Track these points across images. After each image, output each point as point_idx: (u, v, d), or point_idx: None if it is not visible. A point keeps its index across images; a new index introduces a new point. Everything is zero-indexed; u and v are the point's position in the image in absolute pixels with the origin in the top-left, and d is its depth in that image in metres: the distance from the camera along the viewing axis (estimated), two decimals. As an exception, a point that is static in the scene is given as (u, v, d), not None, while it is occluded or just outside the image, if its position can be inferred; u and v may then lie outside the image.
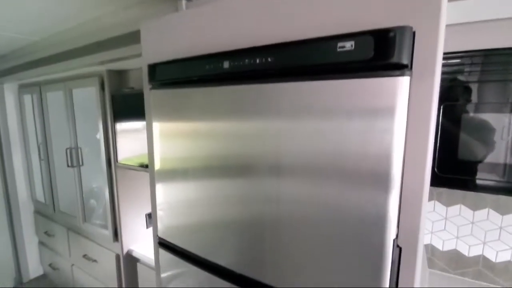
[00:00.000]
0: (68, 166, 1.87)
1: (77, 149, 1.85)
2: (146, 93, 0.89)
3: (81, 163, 1.87)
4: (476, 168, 0.85)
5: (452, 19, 0.77)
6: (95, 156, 1.75)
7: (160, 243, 0.91)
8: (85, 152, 1.89)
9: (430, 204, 1.18)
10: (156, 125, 0.85)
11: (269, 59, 0.57)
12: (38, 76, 1.92)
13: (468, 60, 0.83)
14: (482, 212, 1.09)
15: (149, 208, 1.69)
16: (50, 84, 1.94)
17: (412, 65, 0.47)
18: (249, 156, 0.65)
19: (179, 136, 0.80)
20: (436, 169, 0.88)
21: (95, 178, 2.03)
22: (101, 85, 1.56)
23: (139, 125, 1.44)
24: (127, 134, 1.53)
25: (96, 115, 1.61)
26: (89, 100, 1.67)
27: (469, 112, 0.85)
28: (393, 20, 0.46)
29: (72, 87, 1.77)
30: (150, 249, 1.57)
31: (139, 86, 1.52)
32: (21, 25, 1.46)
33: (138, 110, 1.29)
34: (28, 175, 2.38)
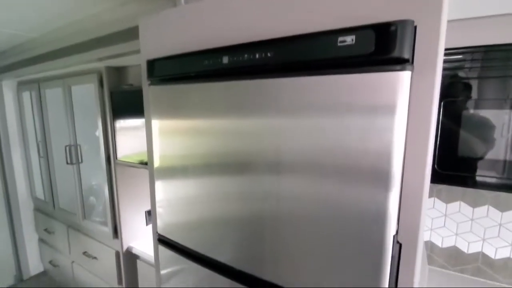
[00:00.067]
0: (68, 164, 1.87)
1: (76, 146, 1.85)
2: (145, 89, 0.88)
3: (81, 160, 1.86)
4: (476, 165, 0.85)
5: (453, 15, 0.77)
6: (95, 153, 1.75)
7: (160, 240, 0.91)
8: (85, 149, 1.89)
9: (430, 201, 1.18)
10: (155, 122, 0.85)
11: (269, 54, 0.56)
12: (37, 73, 1.91)
13: (469, 56, 0.83)
14: (482, 209, 1.09)
15: (149, 205, 1.69)
16: (49, 81, 1.93)
17: (414, 60, 0.46)
18: (249, 153, 0.64)
19: (178, 133, 0.79)
20: (436, 166, 0.88)
21: (95, 175, 2.03)
22: (100, 82, 1.55)
23: (139, 122, 1.43)
24: (127, 131, 1.52)
25: (95, 112, 1.60)
26: (88, 97, 1.66)
27: (469, 109, 0.85)
28: (394, 14, 0.45)
29: (71, 84, 1.76)
30: (150, 246, 1.57)
31: (138, 83, 1.51)
32: (20, 22, 1.45)
33: (137, 107, 1.29)
34: (28, 173, 2.37)
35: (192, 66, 0.71)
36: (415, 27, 0.45)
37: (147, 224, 1.77)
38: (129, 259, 1.70)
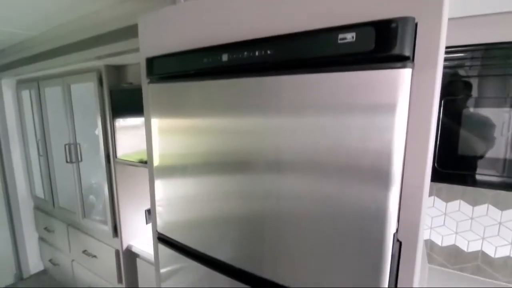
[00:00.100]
0: (67, 162, 1.87)
1: (76, 145, 1.84)
2: (144, 88, 0.88)
3: (80, 159, 1.86)
4: (476, 164, 0.85)
5: (454, 13, 0.76)
6: (94, 152, 1.75)
7: (160, 239, 0.91)
8: (84, 148, 1.88)
9: (430, 200, 1.18)
10: (155, 120, 0.85)
11: (269, 52, 0.56)
12: (36, 71, 1.91)
13: (469, 54, 0.82)
14: (482, 208, 1.09)
15: (149, 204, 1.69)
16: (48, 80, 1.92)
17: (414, 57, 0.46)
18: (248, 151, 0.64)
19: (178, 131, 0.79)
20: (436, 165, 0.88)
21: (94, 174, 2.03)
22: (99, 80, 1.54)
23: (138, 121, 1.43)
24: (126, 130, 1.52)
25: (95, 111, 1.60)
26: (88, 96, 1.66)
27: (470, 107, 0.85)
28: (395, 11, 0.45)
29: (70, 83, 1.76)
30: (150, 245, 1.57)
31: (138, 82, 1.51)
32: (19, 20, 1.44)
33: (137, 106, 1.28)
34: (27, 171, 2.37)
35: (192, 64, 0.71)
36: (416, 24, 0.45)
37: (147, 223, 1.77)
38: (129, 258, 1.70)
